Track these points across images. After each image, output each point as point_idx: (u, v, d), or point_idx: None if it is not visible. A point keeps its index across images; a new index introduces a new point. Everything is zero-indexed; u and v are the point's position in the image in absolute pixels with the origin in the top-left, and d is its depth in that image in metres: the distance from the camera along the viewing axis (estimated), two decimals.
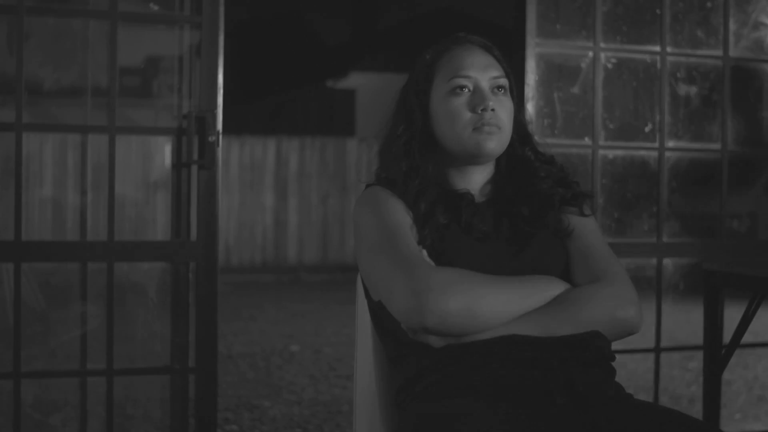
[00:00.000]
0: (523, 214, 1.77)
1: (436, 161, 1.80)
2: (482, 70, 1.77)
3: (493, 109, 1.74)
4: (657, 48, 3.39)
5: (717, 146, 3.50)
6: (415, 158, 1.78)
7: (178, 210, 2.99)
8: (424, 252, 1.67)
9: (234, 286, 10.03)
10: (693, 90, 3.51)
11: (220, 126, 2.86)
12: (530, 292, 1.62)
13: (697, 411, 3.48)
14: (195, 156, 2.87)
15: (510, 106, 1.79)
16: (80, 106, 3.08)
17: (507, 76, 1.80)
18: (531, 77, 3.19)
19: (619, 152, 3.42)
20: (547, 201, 1.79)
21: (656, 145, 3.42)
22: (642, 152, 3.45)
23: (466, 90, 1.76)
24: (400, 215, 1.71)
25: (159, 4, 3.09)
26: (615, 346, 1.68)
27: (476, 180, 1.82)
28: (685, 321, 3.63)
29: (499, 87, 1.78)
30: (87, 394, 2.97)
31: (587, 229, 1.78)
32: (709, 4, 3.48)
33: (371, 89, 17.08)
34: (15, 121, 2.75)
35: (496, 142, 1.76)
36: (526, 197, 1.79)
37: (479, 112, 1.74)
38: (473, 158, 1.78)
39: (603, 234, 1.87)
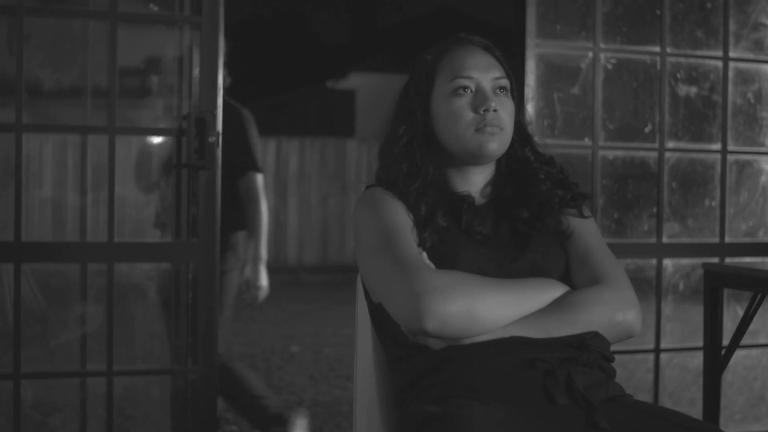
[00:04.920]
0: (523, 216, 1.77)
1: (436, 162, 1.80)
2: (484, 71, 1.77)
3: (495, 110, 1.75)
4: (657, 48, 3.39)
5: (717, 147, 3.50)
6: (416, 159, 1.78)
7: (178, 211, 2.99)
8: (424, 254, 1.67)
9: None
10: (693, 91, 3.50)
11: (219, 126, 2.86)
12: (530, 294, 1.62)
13: (697, 411, 3.48)
14: (195, 157, 2.86)
15: (511, 107, 1.79)
16: (80, 106, 3.07)
17: (508, 76, 1.80)
18: (531, 78, 3.19)
19: (619, 153, 3.42)
20: (547, 203, 1.79)
21: (656, 145, 3.42)
22: (642, 153, 3.45)
23: (468, 90, 1.76)
24: (400, 217, 1.71)
25: (159, 4, 3.09)
26: (615, 346, 1.68)
27: (476, 181, 1.82)
28: (684, 321, 3.63)
29: (501, 88, 1.78)
30: (87, 394, 2.96)
31: (587, 231, 1.78)
32: (708, 5, 3.48)
33: (371, 90, 17.09)
34: (15, 122, 2.75)
35: (498, 142, 1.76)
36: (525, 199, 1.79)
37: (481, 112, 1.74)
38: (475, 159, 1.78)
39: (602, 235, 1.87)
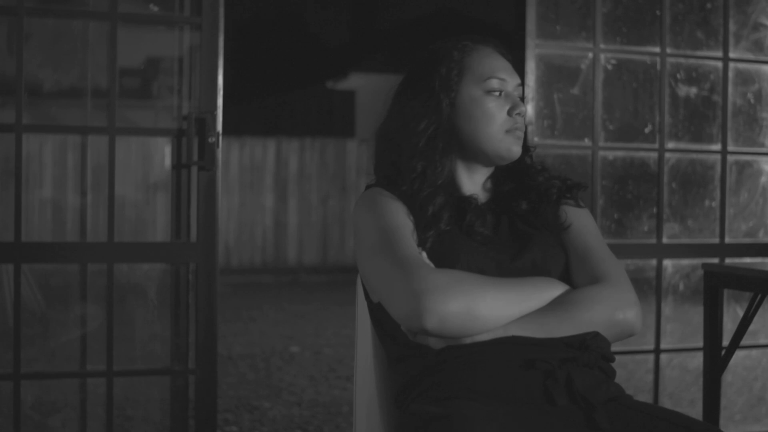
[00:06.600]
0: (522, 209, 1.78)
1: (451, 159, 1.80)
2: (511, 75, 1.80)
3: (523, 115, 1.78)
4: (657, 49, 3.39)
5: (717, 147, 3.50)
6: (435, 155, 1.76)
7: (178, 211, 2.99)
8: (424, 254, 1.67)
9: (234, 287, 10.03)
10: (693, 91, 3.51)
11: (220, 127, 2.86)
12: (530, 293, 1.62)
13: (697, 412, 3.48)
14: (195, 157, 2.87)
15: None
16: (80, 107, 3.08)
17: (522, 83, 1.83)
18: (531, 78, 3.19)
19: (619, 153, 3.42)
20: (545, 194, 1.80)
21: (656, 146, 3.42)
22: (642, 153, 3.45)
23: (501, 92, 1.77)
24: (401, 217, 1.71)
25: (159, 5, 3.09)
26: (615, 347, 1.68)
27: (480, 178, 1.83)
28: (685, 322, 3.63)
29: (520, 94, 1.80)
30: (87, 395, 2.96)
31: (587, 229, 1.79)
32: (708, 5, 3.48)
33: (371, 90, 17.08)
34: (15, 122, 2.75)
35: (520, 146, 1.80)
36: (524, 191, 1.81)
37: (513, 115, 1.76)
38: (499, 160, 1.79)
39: (602, 235, 1.88)
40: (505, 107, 1.77)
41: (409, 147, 1.77)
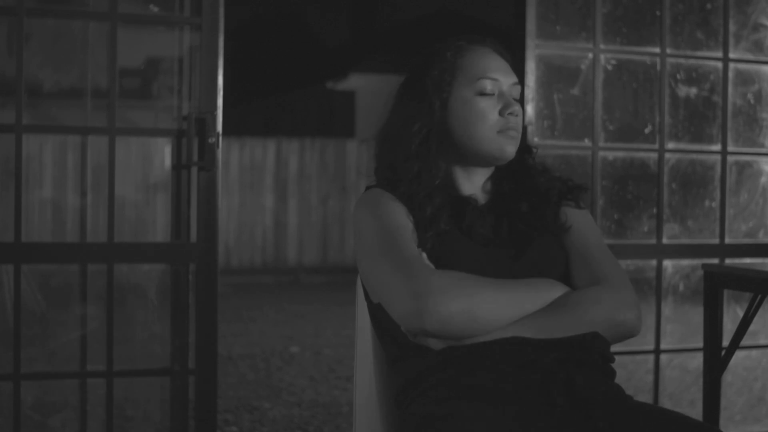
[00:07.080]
0: (523, 210, 1.78)
1: (446, 160, 1.80)
2: (505, 75, 1.78)
3: (516, 115, 1.76)
4: (657, 49, 3.39)
5: (717, 147, 3.50)
6: (429, 157, 1.76)
7: (178, 211, 2.99)
8: (424, 255, 1.67)
9: (234, 287, 10.03)
10: (693, 91, 3.51)
11: (220, 127, 2.86)
12: (530, 294, 1.62)
13: (697, 412, 3.48)
14: (195, 157, 2.87)
15: (522, 113, 1.81)
16: (80, 107, 3.08)
17: (521, 83, 1.82)
18: (531, 78, 3.19)
19: (619, 154, 3.42)
20: (545, 195, 1.79)
21: (656, 146, 3.42)
22: (642, 154, 3.45)
23: (494, 92, 1.77)
24: (401, 218, 1.71)
25: (159, 5, 3.09)
26: (615, 347, 1.68)
27: (479, 179, 1.83)
28: (684, 322, 3.63)
29: (516, 93, 1.79)
30: (87, 395, 2.96)
31: (587, 229, 1.79)
32: (708, 6, 3.48)
33: (371, 91, 17.08)
34: (15, 123, 2.75)
35: (515, 146, 1.78)
36: (525, 192, 1.80)
37: (506, 115, 1.75)
38: (492, 160, 1.78)
39: (603, 236, 1.88)
40: (497, 108, 1.76)
41: (404, 149, 1.77)
